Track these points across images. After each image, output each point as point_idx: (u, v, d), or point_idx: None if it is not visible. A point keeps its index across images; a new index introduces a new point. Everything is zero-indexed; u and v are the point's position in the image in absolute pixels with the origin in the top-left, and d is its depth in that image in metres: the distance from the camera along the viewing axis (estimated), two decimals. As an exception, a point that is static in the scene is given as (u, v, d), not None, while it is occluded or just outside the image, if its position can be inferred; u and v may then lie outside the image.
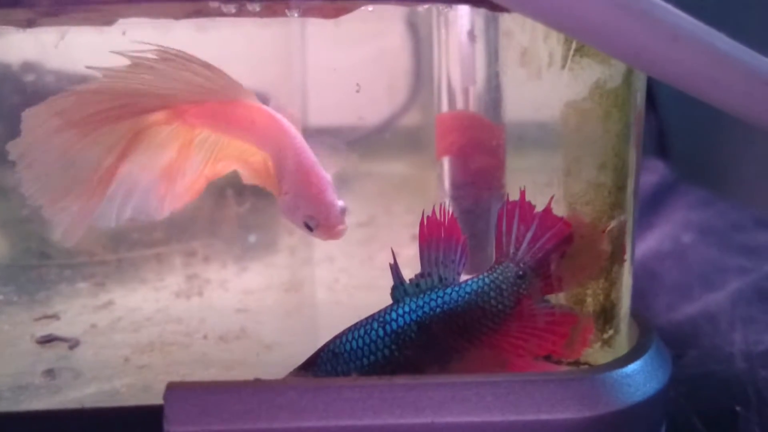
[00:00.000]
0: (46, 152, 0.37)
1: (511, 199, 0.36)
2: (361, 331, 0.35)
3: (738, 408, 0.43)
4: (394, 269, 0.36)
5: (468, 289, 0.35)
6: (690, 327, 0.55)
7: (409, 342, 0.35)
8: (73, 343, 0.43)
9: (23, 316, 0.47)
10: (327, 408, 0.31)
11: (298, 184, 0.37)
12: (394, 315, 0.35)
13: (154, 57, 0.36)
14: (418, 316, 0.35)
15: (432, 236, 0.35)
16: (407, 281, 0.36)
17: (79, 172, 0.37)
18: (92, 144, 0.37)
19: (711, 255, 0.70)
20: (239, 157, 0.41)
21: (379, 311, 0.35)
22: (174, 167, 0.40)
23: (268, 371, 0.36)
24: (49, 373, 0.40)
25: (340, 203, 0.37)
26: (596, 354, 0.37)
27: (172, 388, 0.32)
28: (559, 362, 0.37)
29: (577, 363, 0.37)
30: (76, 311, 0.48)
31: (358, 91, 0.41)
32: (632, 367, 0.34)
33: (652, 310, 0.59)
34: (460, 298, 0.35)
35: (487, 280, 0.36)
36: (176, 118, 0.39)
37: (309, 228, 0.37)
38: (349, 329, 0.35)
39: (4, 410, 0.35)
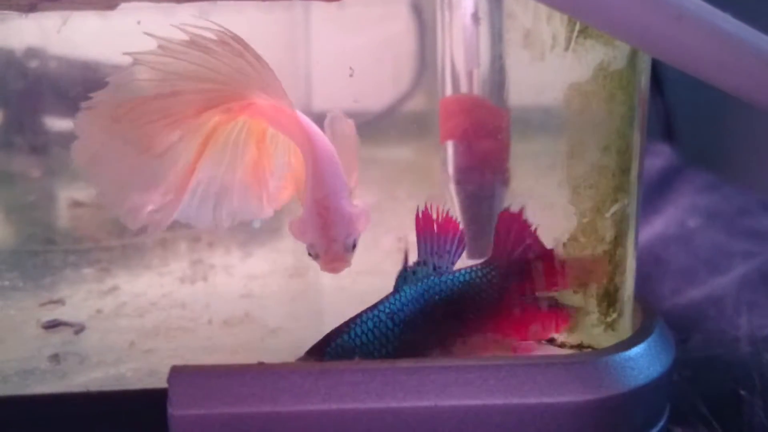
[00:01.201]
0: (112, 155, 0.35)
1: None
2: (370, 324, 0.35)
3: (742, 392, 0.43)
4: (405, 257, 0.36)
5: (467, 278, 0.36)
6: (695, 311, 0.55)
7: (416, 329, 0.35)
8: (79, 328, 0.43)
9: (29, 301, 0.47)
10: (330, 391, 0.31)
11: (308, 210, 0.35)
12: (399, 305, 0.35)
13: (213, 37, 0.34)
14: (420, 304, 0.35)
15: (428, 227, 0.36)
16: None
17: (152, 172, 0.36)
18: (162, 143, 0.36)
19: (717, 239, 0.70)
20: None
21: (383, 302, 0.36)
22: (260, 164, 0.39)
23: (272, 356, 0.36)
24: (55, 357, 0.40)
25: (350, 240, 0.35)
26: (600, 337, 0.37)
27: (177, 372, 0.32)
28: (562, 345, 0.37)
29: (580, 346, 0.37)
30: (82, 296, 0.48)
31: (351, 75, 0.41)
32: (635, 351, 0.34)
33: (657, 295, 0.58)
34: (460, 285, 0.36)
35: (480, 273, 0.37)
36: (240, 112, 0.37)
37: (311, 255, 0.36)
38: (355, 322, 0.35)
39: (11, 393, 0.35)
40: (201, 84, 0.35)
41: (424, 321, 0.35)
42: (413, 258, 0.37)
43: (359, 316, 0.35)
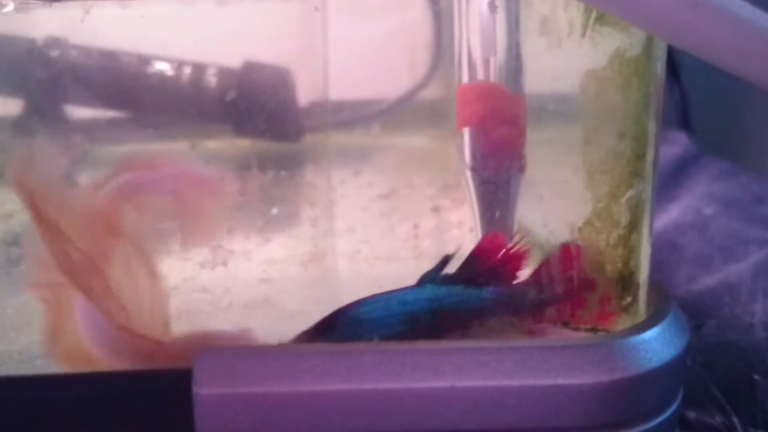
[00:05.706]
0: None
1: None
2: (381, 304, 0.36)
3: (756, 377, 0.43)
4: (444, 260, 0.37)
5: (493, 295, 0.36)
6: (710, 297, 0.55)
7: (419, 327, 0.35)
8: (103, 312, 0.44)
9: (54, 286, 0.48)
10: (349, 372, 0.32)
11: None
12: (412, 297, 0.36)
13: None
14: (434, 305, 0.36)
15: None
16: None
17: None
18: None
19: (733, 227, 0.70)
20: None
21: (400, 290, 0.36)
22: None
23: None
24: (80, 339, 0.41)
25: None
26: (614, 320, 0.38)
27: (201, 352, 0.33)
28: (577, 328, 0.37)
29: (595, 329, 0.37)
30: (105, 281, 0.49)
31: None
32: (649, 334, 0.35)
33: (672, 281, 0.59)
34: (480, 302, 0.36)
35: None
36: None
37: None
38: (367, 300, 0.36)
39: (38, 373, 0.36)
40: None
41: (429, 321, 0.35)
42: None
43: (374, 295, 0.36)
